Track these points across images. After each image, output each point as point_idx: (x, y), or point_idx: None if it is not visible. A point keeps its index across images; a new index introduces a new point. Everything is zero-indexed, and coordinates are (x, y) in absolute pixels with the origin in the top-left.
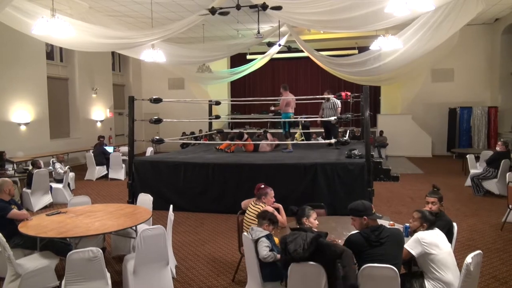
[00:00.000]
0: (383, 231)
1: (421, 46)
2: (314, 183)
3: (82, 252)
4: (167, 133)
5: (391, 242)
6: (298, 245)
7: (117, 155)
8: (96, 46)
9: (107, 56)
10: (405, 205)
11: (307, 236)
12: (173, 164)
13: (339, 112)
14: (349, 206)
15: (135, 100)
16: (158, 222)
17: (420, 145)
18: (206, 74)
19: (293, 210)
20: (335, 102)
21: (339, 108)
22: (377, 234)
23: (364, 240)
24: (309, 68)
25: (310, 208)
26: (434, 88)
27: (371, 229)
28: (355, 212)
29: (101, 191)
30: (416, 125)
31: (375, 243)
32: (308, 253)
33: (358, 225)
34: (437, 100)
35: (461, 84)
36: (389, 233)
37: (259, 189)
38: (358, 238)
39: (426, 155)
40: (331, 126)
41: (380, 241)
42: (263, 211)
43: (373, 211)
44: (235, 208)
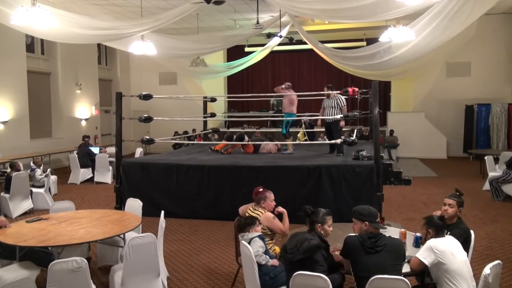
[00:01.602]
0: (381, 239)
1: (435, 37)
2: (318, 187)
3: (65, 263)
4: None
5: (389, 252)
6: (294, 244)
7: (103, 157)
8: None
9: (92, 49)
10: (418, 211)
11: (308, 241)
12: (165, 166)
13: (345, 111)
14: (354, 208)
15: (123, 97)
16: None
17: (434, 145)
18: (200, 68)
19: (307, 210)
20: (339, 99)
21: (345, 106)
22: (373, 241)
23: (359, 244)
24: (312, 61)
25: (326, 213)
26: (449, 83)
27: (369, 235)
28: (358, 216)
29: (86, 196)
30: (429, 124)
31: (370, 250)
32: (297, 259)
33: (358, 229)
34: (452, 97)
35: (478, 79)
36: (386, 242)
37: (258, 192)
38: (354, 241)
39: (440, 156)
40: (334, 128)
41: (376, 249)
42: (236, 223)
43: (377, 220)
44: (232, 214)
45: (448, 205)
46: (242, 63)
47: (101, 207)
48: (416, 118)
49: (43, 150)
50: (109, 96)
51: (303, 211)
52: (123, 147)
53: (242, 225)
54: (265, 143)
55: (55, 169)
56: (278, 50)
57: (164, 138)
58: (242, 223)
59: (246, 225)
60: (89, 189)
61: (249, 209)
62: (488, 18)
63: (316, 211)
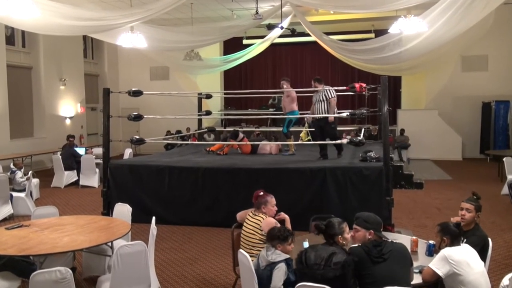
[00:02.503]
0: (385, 246)
1: (450, 29)
2: (323, 191)
3: (48, 273)
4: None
5: (396, 258)
6: (320, 259)
7: (89, 158)
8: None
9: (78, 41)
10: (431, 217)
11: (336, 255)
12: (156, 168)
13: (333, 104)
14: (358, 214)
15: (111, 93)
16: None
17: (448, 146)
18: (194, 62)
19: (321, 227)
20: (327, 91)
21: (333, 98)
22: (379, 249)
23: (364, 254)
24: (316, 55)
25: (340, 221)
26: (464, 78)
27: (373, 243)
28: (363, 223)
29: (70, 201)
30: (443, 123)
31: (377, 259)
32: (333, 275)
33: (361, 237)
34: (468, 93)
35: (496, 74)
36: (391, 248)
37: (258, 196)
38: (360, 252)
39: (455, 157)
40: (325, 125)
41: (383, 256)
42: (270, 229)
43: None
44: (230, 220)
45: (466, 209)
46: (240, 56)
47: (87, 212)
48: (428, 116)
49: (24, 151)
50: (96, 92)
51: (317, 229)
52: (111, 147)
53: (273, 236)
54: (264, 143)
55: (37, 172)
56: (279, 42)
57: (155, 138)
58: (274, 233)
59: (276, 237)
60: (74, 193)
61: (248, 215)
62: (507, 7)
63: (331, 224)
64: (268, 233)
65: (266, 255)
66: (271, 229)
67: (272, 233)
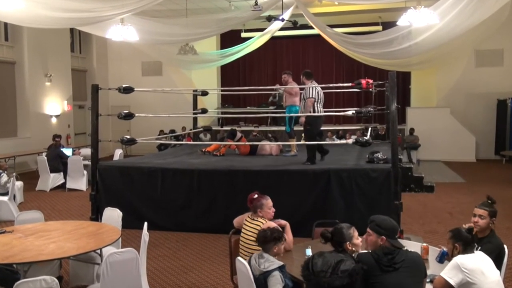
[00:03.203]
0: (398, 255)
1: (462, 21)
2: (327, 195)
3: (33, 282)
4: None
5: (408, 268)
6: (327, 266)
7: (77, 160)
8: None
9: (64, 35)
10: (442, 222)
11: (344, 263)
12: (148, 170)
13: (309, 105)
14: (372, 217)
15: (100, 90)
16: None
17: (461, 146)
18: (189, 57)
19: (327, 235)
20: (308, 89)
21: (311, 99)
22: (390, 257)
23: (374, 261)
24: (320, 49)
25: (348, 226)
26: (478, 74)
27: (384, 251)
28: (375, 227)
29: (56, 205)
30: (455, 121)
31: (388, 268)
32: (340, 283)
33: (372, 243)
34: (482, 90)
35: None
36: (404, 257)
37: (252, 200)
38: (369, 259)
39: (468, 159)
40: (304, 126)
41: (394, 266)
42: (261, 233)
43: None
44: (227, 226)
45: (479, 216)
46: (238, 50)
47: (75, 218)
48: (440, 114)
49: (7, 152)
50: (84, 89)
51: (323, 238)
52: (100, 148)
53: (267, 239)
54: (264, 143)
55: (21, 174)
56: (280, 35)
57: (147, 138)
58: (268, 235)
59: (271, 239)
60: (61, 197)
61: (245, 220)
62: None
63: (338, 230)
64: (261, 237)
65: (258, 263)
66: (262, 232)
67: (266, 236)
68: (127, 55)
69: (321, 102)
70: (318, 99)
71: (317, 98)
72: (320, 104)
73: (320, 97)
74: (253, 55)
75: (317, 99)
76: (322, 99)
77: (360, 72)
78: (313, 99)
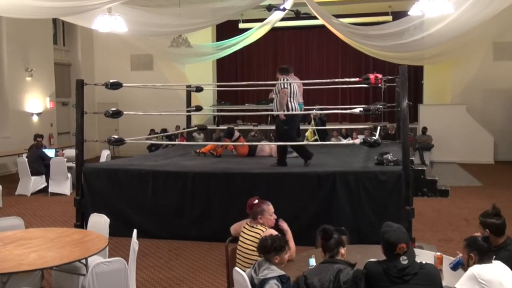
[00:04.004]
0: (410, 266)
1: (479, 10)
2: (332, 200)
3: None
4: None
5: (420, 282)
6: (327, 282)
7: (60, 161)
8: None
9: (46, 25)
10: (458, 229)
11: (342, 272)
12: (138, 173)
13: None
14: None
15: (85, 85)
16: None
17: (478, 147)
18: (183, 50)
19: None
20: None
21: (284, 89)
22: (400, 268)
23: (382, 272)
24: (324, 41)
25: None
26: (497, 68)
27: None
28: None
29: (38, 211)
30: (472, 120)
31: (397, 280)
32: None
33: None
34: (501, 85)
35: None
36: (417, 270)
37: (252, 205)
38: (376, 268)
39: (486, 160)
40: (278, 124)
41: (404, 278)
42: (261, 242)
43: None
44: (223, 233)
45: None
46: (235, 43)
47: (58, 225)
48: (455, 112)
49: None
50: (68, 84)
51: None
52: (85, 149)
53: (267, 248)
54: (264, 143)
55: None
56: (281, 26)
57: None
58: (268, 244)
59: (272, 249)
60: (42, 202)
61: (244, 227)
62: None
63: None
64: (261, 246)
65: (257, 271)
66: (263, 241)
67: (266, 245)
68: (114, 47)
69: (295, 97)
70: (292, 94)
71: (290, 93)
72: (295, 99)
73: (294, 92)
74: (252, 47)
75: (291, 94)
76: (296, 94)
77: (368, 66)
78: (286, 90)
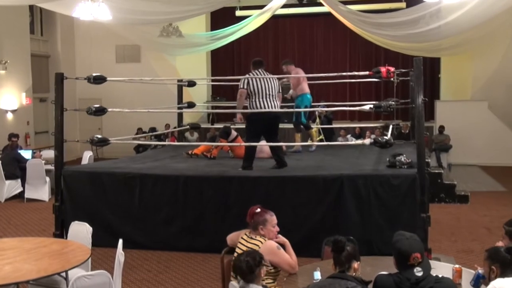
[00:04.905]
0: (425, 280)
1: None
2: (339, 206)
3: None
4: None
5: None
6: None
7: (37, 164)
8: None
9: (22, 13)
10: (478, 239)
11: None
12: (124, 177)
13: (239, 97)
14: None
15: (66, 79)
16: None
17: (501, 147)
18: (173, 40)
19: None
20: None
21: (241, 89)
22: (414, 281)
23: (394, 284)
24: (331, 30)
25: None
26: None
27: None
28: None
29: (13, 218)
30: (495, 117)
31: None
32: None
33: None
34: None
35: None
36: (432, 284)
37: (254, 214)
38: (387, 281)
39: (510, 163)
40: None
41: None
42: (236, 263)
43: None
44: (218, 244)
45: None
46: (231, 32)
47: (35, 234)
48: (476, 109)
49: None
50: (46, 78)
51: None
52: (66, 150)
53: (243, 271)
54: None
55: None
56: (283, 14)
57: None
58: (243, 267)
59: (249, 271)
60: (18, 209)
61: (241, 237)
62: None
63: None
64: (238, 269)
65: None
66: (237, 262)
67: (241, 267)
68: (98, 38)
69: (264, 96)
70: (257, 92)
71: (255, 91)
72: (263, 98)
73: (261, 90)
74: (251, 37)
75: (255, 92)
76: (264, 92)
77: (379, 58)
78: (243, 90)
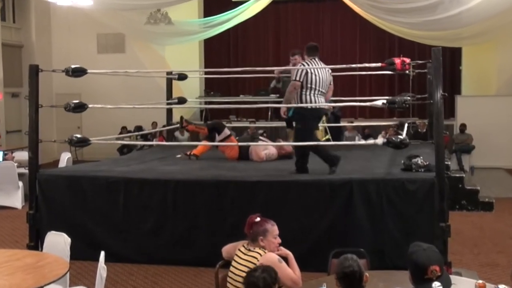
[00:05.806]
0: None
1: None
2: (348, 214)
3: None
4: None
5: None
6: None
7: (9, 167)
8: None
9: None
10: (504, 251)
11: None
12: (106, 181)
13: (293, 87)
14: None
15: (41, 72)
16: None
17: None
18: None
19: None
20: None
21: (296, 81)
22: None
23: None
24: (339, 17)
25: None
26: None
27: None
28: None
29: None
30: None
31: None
32: None
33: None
34: None
35: None
36: None
37: (253, 224)
38: None
39: None
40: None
41: None
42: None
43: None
44: (212, 256)
45: None
46: (227, 19)
47: (7, 245)
48: (501, 106)
49: None
50: (19, 70)
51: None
52: (41, 151)
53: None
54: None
55: None
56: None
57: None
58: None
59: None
60: None
61: (238, 249)
62: None
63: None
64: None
65: None
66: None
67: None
68: (77, 25)
69: (318, 91)
70: (313, 86)
71: (312, 84)
72: (315, 92)
73: (317, 84)
74: (249, 25)
75: (311, 86)
76: (320, 86)
77: (393, 49)
78: (298, 83)
